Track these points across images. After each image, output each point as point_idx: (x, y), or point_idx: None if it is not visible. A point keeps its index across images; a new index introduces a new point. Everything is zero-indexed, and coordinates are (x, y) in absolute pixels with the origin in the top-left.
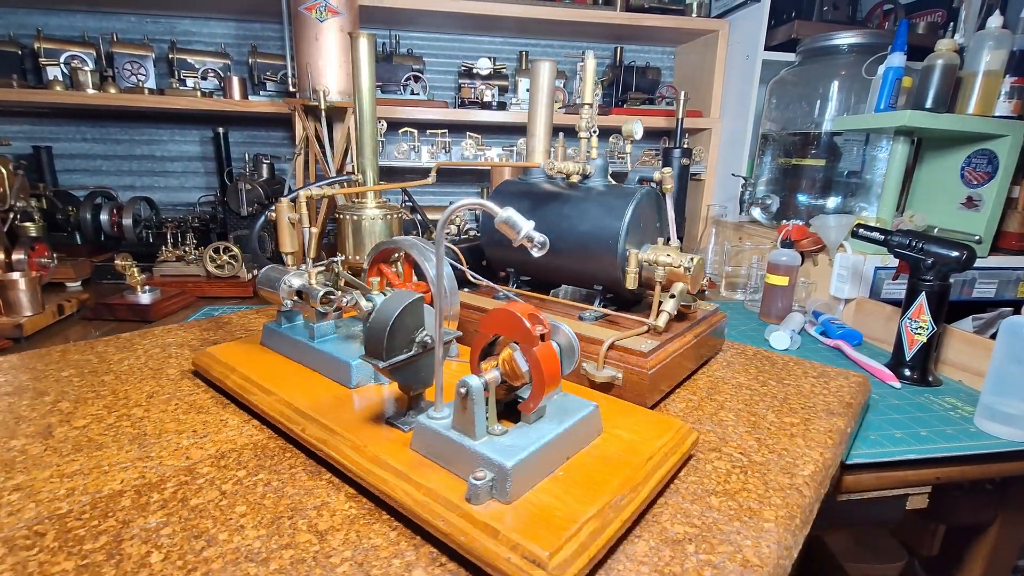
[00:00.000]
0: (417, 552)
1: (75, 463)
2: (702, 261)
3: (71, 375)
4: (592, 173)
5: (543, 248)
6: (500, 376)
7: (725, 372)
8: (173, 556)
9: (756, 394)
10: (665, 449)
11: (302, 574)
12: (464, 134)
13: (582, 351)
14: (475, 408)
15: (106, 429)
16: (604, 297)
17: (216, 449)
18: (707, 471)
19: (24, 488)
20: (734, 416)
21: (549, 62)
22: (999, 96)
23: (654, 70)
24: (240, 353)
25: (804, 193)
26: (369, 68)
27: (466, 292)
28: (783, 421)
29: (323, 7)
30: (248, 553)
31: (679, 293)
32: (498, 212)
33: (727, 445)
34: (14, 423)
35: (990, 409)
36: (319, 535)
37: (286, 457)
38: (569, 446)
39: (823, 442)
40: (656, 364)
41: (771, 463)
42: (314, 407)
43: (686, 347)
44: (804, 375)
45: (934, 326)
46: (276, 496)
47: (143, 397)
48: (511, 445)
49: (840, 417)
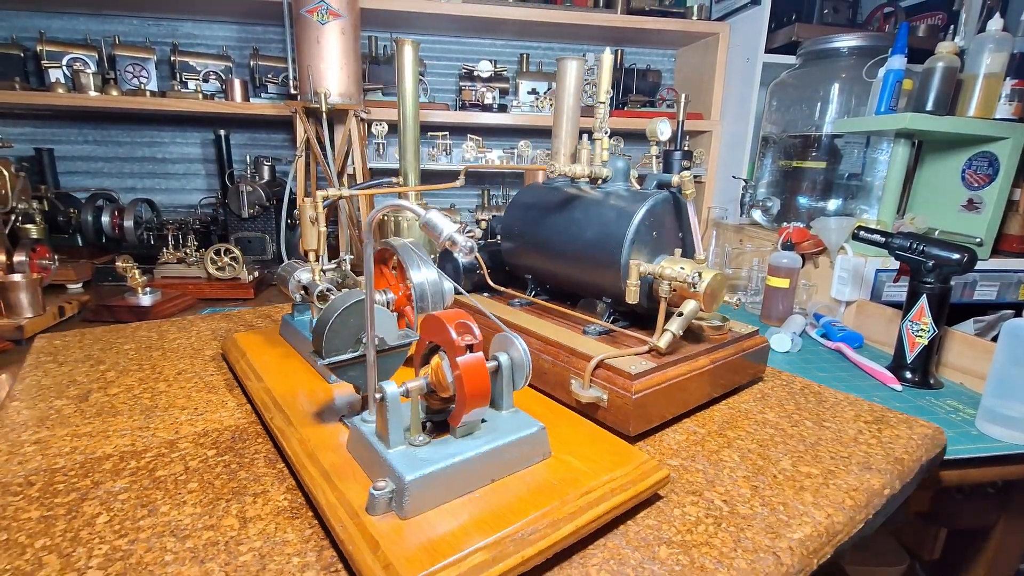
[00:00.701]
0: (319, 555)
1: (90, 426)
2: (720, 277)
3: (130, 348)
4: (610, 176)
5: (468, 252)
6: (426, 385)
7: (753, 405)
8: (115, 520)
9: (780, 435)
10: (613, 484)
11: (208, 555)
12: (465, 136)
13: (572, 367)
14: (389, 415)
15: (129, 399)
16: (616, 311)
17: (203, 428)
18: (672, 516)
19: (42, 442)
20: (738, 457)
21: (576, 60)
22: (1000, 99)
23: (655, 73)
24: (258, 342)
25: (805, 195)
26: (412, 74)
27: (485, 297)
28: (798, 470)
29: (324, 10)
30: (175, 528)
31: (688, 311)
32: (421, 214)
33: (712, 489)
34: (66, 385)
35: (992, 412)
36: (243, 521)
37: (257, 443)
38: (496, 467)
39: (838, 502)
40: (645, 388)
41: (757, 518)
42: (286, 398)
43: (696, 372)
44: (854, 418)
45: (935, 329)
46: (227, 478)
47: (173, 374)
48: (423, 458)
49: (878, 475)
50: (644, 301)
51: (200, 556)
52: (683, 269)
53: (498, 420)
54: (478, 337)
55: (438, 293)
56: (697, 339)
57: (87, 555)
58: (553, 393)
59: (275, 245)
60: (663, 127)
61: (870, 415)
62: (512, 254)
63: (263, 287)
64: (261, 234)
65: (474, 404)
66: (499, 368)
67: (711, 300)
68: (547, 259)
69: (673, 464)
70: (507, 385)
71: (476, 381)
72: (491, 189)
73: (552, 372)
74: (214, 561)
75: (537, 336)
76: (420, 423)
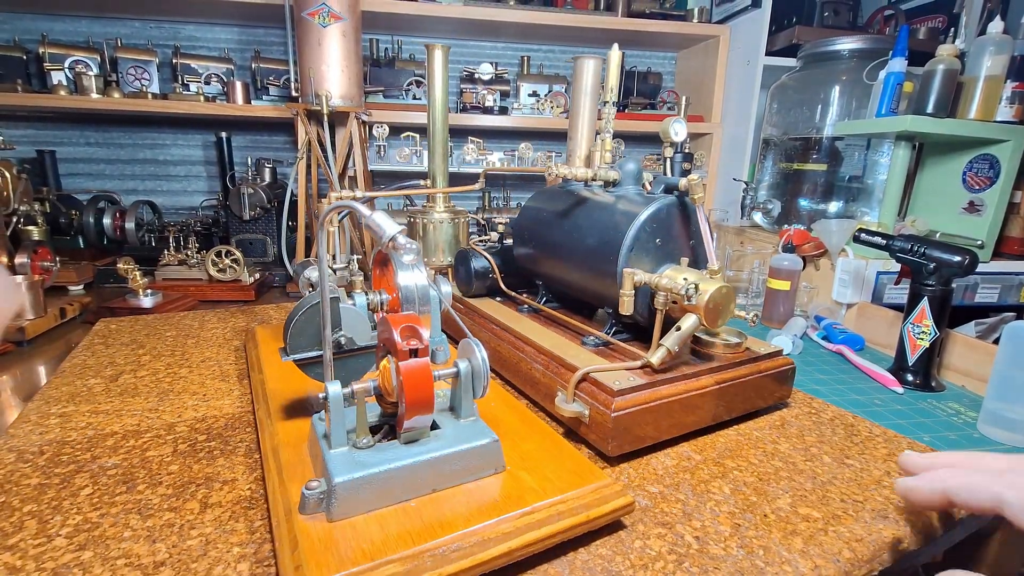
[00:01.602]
0: (258, 548)
1: (109, 404)
2: (725, 290)
3: (171, 335)
4: (619, 179)
5: (413, 254)
6: (374, 388)
7: (767, 433)
8: (96, 494)
9: (787, 469)
10: (562, 508)
11: (162, 535)
12: (466, 138)
13: (560, 379)
14: (332, 416)
15: (152, 382)
16: (618, 322)
17: (204, 413)
18: (631, 547)
19: (65, 415)
20: (729, 490)
21: (594, 60)
22: (1000, 101)
23: (655, 75)
24: (272, 336)
25: (805, 197)
26: (443, 78)
27: (496, 301)
28: (795, 512)
29: (326, 12)
30: (143, 507)
31: (687, 326)
32: (366, 213)
33: (686, 523)
34: (105, 366)
35: (994, 415)
36: (203, 507)
37: (245, 432)
38: (439, 477)
39: (834, 553)
40: (629, 407)
41: (728, 560)
42: (275, 391)
43: (696, 393)
44: (885, 457)
45: (936, 331)
46: (205, 463)
47: (198, 361)
48: (360, 462)
49: (892, 526)
50: (646, 313)
51: (154, 536)
52: (685, 279)
53: (454, 428)
54: (424, 341)
55: (424, 296)
56: (706, 357)
57: (61, 524)
58: (543, 404)
59: (276, 247)
60: (678, 127)
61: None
62: (523, 258)
63: (264, 289)
64: (262, 236)
65: (416, 411)
66: (458, 375)
67: (714, 315)
68: (553, 264)
69: (652, 491)
70: (465, 393)
71: (418, 387)
72: (491, 192)
73: (543, 382)
74: (163, 542)
75: (531, 344)
76: (367, 425)
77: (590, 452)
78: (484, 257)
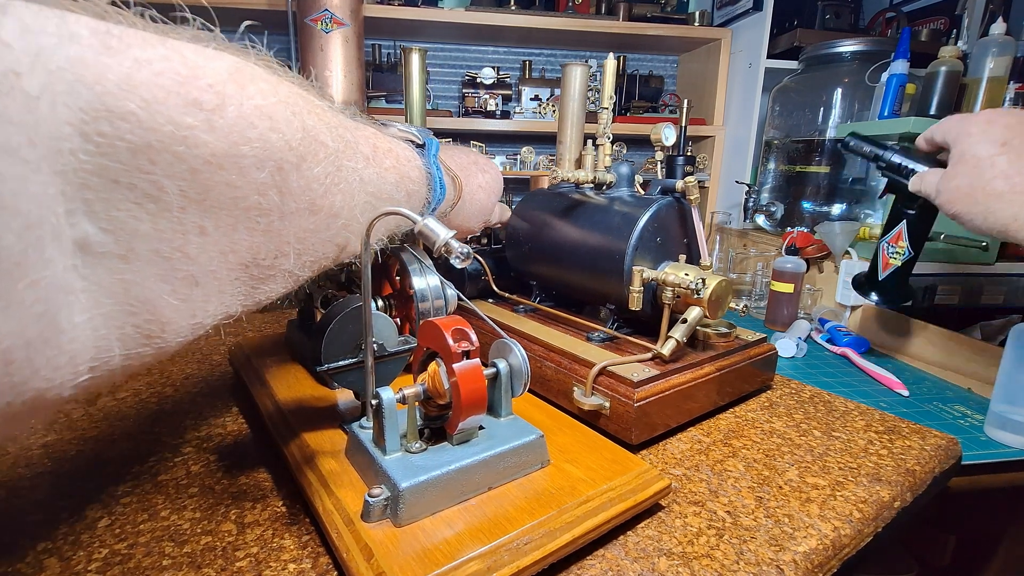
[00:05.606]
0: (315, 562)
1: (96, 431)
2: (725, 283)
3: None
4: (615, 182)
5: (464, 259)
6: (423, 392)
7: (760, 414)
8: (116, 525)
9: (787, 444)
10: (613, 494)
11: (206, 560)
12: (468, 142)
13: (575, 374)
14: (386, 421)
15: (137, 403)
16: (619, 318)
17: (207, 432)
18: (674, 527)
19: (48, 446)
20: (743, 467)
21: (581, 67)
22: (1004, 102)
23: (657, 78)
24: (263, 347)
25: (808, 200)
26: (420, 81)
27: (490, 303)
28: (805, 481)
29: (329, 18)
30: (174, 533)
31: (692, 318)
32: (417, 219)
33: (715, 500)
34: None
35: (1000, 418)
36: (240, 527)
37: (259, 448)
38: (493, 475)
39: (846, 515)
40: (648, 396)
41: (760, 530)
42: (288, 403)
43: (701, 380)
44: (865, 428)
45: (911, 252)
46: (228, 482)
47: (180, 378)
48: (420, 465)
49: (887, 487)
50: (648, 308)
51: (197, 561)
52: (687, 275)
53: (496, 427)
54: (475, 344)
55: (440, 299)
56: (702, 346)
57: (87, 559)
58: (556, 400)
59: None
60: (668, 132)
61: (881, 425)
62: (517, 260)
63: None
64: None
65: (470, 412)
66: (497, 375)
67: (716, 307)
68: (551, 265)
69: (676, 473)
70: (505, 392)
71: (472, 388)
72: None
73: (555, 379)
74: (211, 566)
75: (540, 343)
76: (417, 430)
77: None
78: (476, 259)
